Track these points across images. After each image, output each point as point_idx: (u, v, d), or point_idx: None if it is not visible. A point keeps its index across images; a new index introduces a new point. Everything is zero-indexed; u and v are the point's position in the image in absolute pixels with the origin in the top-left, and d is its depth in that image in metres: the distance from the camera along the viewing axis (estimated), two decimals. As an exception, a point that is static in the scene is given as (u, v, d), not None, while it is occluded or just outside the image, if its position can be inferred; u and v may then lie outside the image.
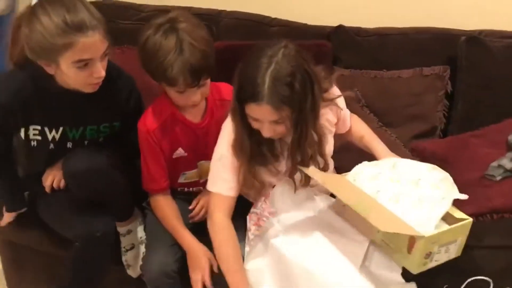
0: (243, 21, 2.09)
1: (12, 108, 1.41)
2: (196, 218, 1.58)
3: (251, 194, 1.51)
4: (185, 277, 1.49)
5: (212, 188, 1.42)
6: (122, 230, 1.58)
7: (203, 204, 1.58)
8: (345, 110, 1.54)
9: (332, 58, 2.00)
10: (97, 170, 1.42)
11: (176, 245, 1.50)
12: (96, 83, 1.38)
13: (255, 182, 1.39)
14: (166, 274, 1.46)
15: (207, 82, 1.43)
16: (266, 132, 1.28)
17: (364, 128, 1.60)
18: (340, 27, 2.03)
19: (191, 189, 1.63)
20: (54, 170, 1.52)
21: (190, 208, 1.59)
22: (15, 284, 1.83)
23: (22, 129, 1.46)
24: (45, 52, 1.30)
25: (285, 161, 1.41)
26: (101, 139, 1.54)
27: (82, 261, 1.49)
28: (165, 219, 1.54)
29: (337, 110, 1.49)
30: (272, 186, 1.44)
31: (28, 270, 1.78)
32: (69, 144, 1.51)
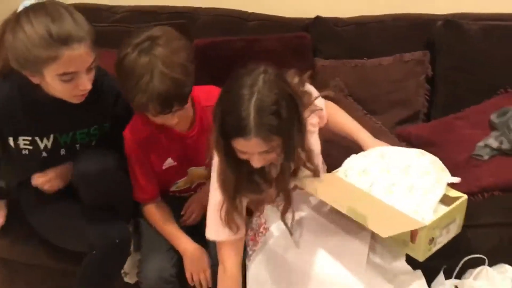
0: (220, 17, 2.07)
1: None
2: (187, 222, 1.56)
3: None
4: (184, 280, 1.47)
5: (218, 237, 1.33)
6: None
7: (193, 209, 1.56)
8: (323, 108, 1.49)
9: (312, 50, 1.99)
10: (108, 171, 1.38)
11: (172, 249, 1.48)
12: (82, 95, 1.33)
13: (238, 218, 1.30)
14: (165, 279, 1.44)
15: (184, 107, 1.35)
16: (257, 163, 1.20)
17: (345, 117, 1.57)
18: (318, 18, 2.04)
19: (183, 195, 1.61)
20: (49, 174, 1.46)
21: (182, 213, 1.57)
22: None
23: (10, 138, 1.41)
24: (28, 63, 1.25)
25: None
26: (93, 142, 1.50)
27: (100, 271, 1.44)
28: (159, 224, 1.52)
29: (319, 111, 1.43)
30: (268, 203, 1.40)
31: (21, 286, 1.73)
32: (62, 151, 1.46)
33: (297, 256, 1.30)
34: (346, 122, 1.55)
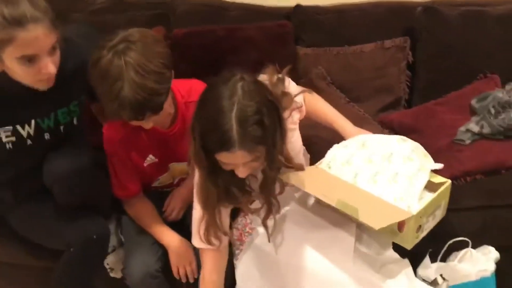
0: (201, 6, 2.04)
1: None
2: (169, 218, 1.55)
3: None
4: (170, 274, 1.46)
5: (201, 245, 1.31)
6: None
7: (174, 205, 1.54)
8: (302, 102, 1.45)
9: (294, 38, 1.98)
10: (80, 170, 1.35)
11: (156, 243, 1.47)
12: (47, 79, 1.29)
13: (218, 232, 1.27)
14: (150, 274, 1.42)
15: (160, 112, 1.30)
16: (242, 173, 1.16)
17: (325, 105, 1.55)
18: (298, 6, 2.03)
19: (165, 190, 1.60)
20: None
21: (163, 210, 1.55)
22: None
23: None
24: None
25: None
26: (75, 120, 1.46)
27: (78, 267, 1.42)
28: (142, 219, 1.50)
29: (298, 108, 1.39)
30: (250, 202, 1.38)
31: (3, 285, 1.71)
32: (47, 136, 1.42)
33: (285, 252, 1.30)
34: (326, 111, 1.54)
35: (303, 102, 1.43)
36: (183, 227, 1.49)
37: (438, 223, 1.35)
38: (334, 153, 1.38)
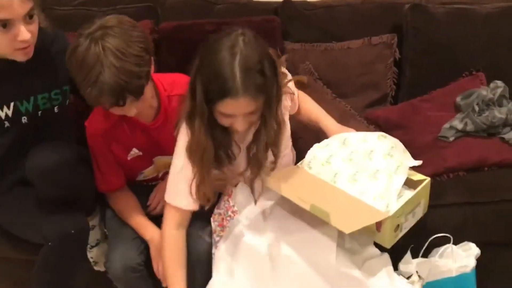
0: (189, 0, 2.04)
1: None
2: (153, 212, 1.54)
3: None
4: (152, 269, 1.46)
5: (172, 201, 1.35)
6: None
7: (159, 198, 1.53)
8: (295, 93, 1.49)
9: (282, 33, 1.98)
10: (66, 164, 1.35)
11: (139, 238, 1.46)
12: (24, 48, 1.29)
13: (207, 190, 1.31)
14: (132, 268, 1.42)
15: (140, 98, 1.30)
16: (241, 126, 1.21)
17: (311, 104, 1.57)
18: (287, 1, 2.03)
19: (150, 183, 1.59)
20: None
21: (148, 204, 1.55)
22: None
23: None
24: None
25: (242, 160, 1.36)
26: (55, 109, 1.46)
27: (57, 262, 1.41)
28: (125, 212, 1.50)
29: (291, 94, 1.43)
30: (234, 185, 1.40)
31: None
32: (24, 119, 1.42)
33: (266, 243, 1.30)
34: (312, 109, 1.55)
35: (297, 97, 1.45)
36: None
37: (420, 220, 1.36)
38: (315, 153, 1.38)
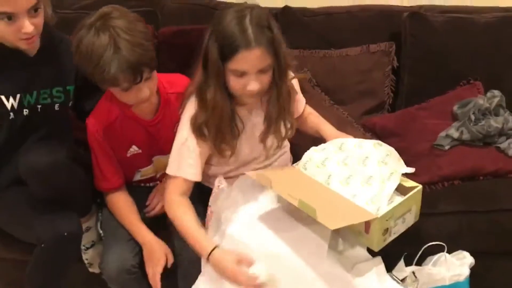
0: (187, 5, 2.05)
1: None
2: (152, 213, 1.55)
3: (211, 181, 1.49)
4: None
5: (176, 173, 1.39)
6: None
7: (159, 198, 1.55)
8: (299, 93, 1.54)
9: (281, 39, 2.00)
10: (60, 164, 1.35)
11: (134, 240, 1.47)
12: (28, 39, 1.34)
13: (225, 152, 1.38)
14: (126, 270, 1.42)
15: (152, 75, 1.36)
16: (254, 84, 1.27)
17: (311, 110, 1.62)
18: (286, 8, 2.04)
19: (148, 185, 1.60)
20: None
21: (146, 204, 1.56)
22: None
23: None
24: None
25: (245, 146, 1.41)
26: (56, 106, 1.49)
27: (49, 264, 1.41)
28: (121, 214, 1.50)
29: (293, 91, 1.47)
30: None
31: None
32: (26, 111, 1.45)
33: (259, 243, 1.30)
34: (313, 118, 1.59)
35: (302, 99, 1.56)
36: (163, 226, 1.50)
37: (412, 227, 1.36)
38: (311, 155, 1.40)
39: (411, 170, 1.33)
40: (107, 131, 1.44)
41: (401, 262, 1.45)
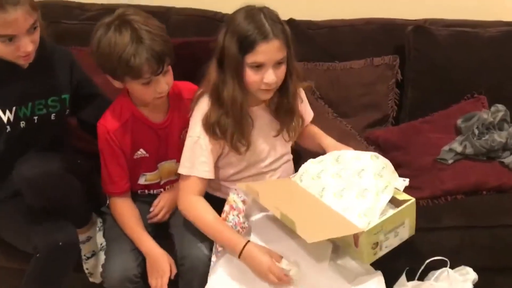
0: (194, 17, 2.07)
1: None
2: (155, 219, 1.56)
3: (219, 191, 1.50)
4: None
5: (189, 172, 1.40)
6: (81, 237, 1.53)
7: (163, 204, 1.56)
8: (305, 103, 1.56)
9: (285, 52, 2.01)
10: (53, 175, 1.36)
11: (137, 249, 1.47)
12: (26, 56, 1.36)
13: (241, 149, 1.39)
14: (129, 279, 1.42)
15: (170, 69, 1.42)
16: (271, 77, 1.31)
17: (316, 127, 1.62)
18: (291, 20, 2.05)
19: (152, 192, 1.61)
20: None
21: (150, 209, 1.56)
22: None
23: None
24: None
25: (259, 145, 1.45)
26: (52, 116, 1.50)
27: (45, 273, 1.41)
28: (124, 222, 1.50)
29: (299, 94, 1.50)
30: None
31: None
32: (22, 124, 1.46)
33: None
34: (316, 132, 1.60)
35: (308, 109, 1.59)
36: (166, 234, 1.51)
37: (414, 241, 1.36)
38: (307, 167, 1.41)
39: (404, 183, 1.33)
40: (118, 132, 1.47)
41: (403, 277, 1.44)
